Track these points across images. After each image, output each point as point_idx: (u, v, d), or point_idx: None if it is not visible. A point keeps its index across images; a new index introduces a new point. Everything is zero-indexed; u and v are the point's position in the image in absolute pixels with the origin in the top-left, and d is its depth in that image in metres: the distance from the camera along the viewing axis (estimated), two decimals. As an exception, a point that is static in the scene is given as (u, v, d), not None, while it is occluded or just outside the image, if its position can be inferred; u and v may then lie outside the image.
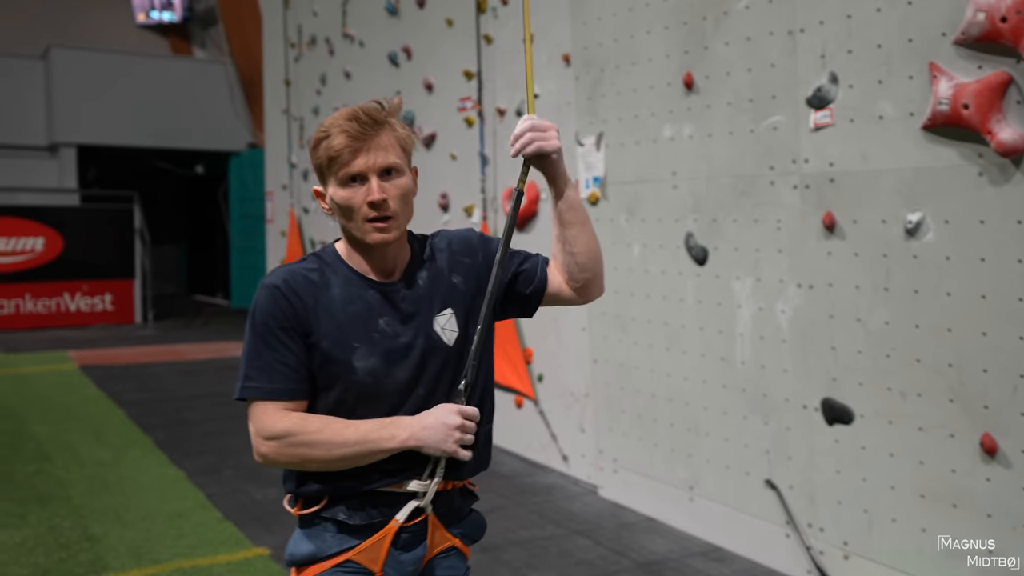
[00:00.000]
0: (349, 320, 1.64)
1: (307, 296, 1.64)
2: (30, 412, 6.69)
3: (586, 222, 1.77)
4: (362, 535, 1.66)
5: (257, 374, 1.62)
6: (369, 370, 1.63)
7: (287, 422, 1.60)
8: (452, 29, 6.07)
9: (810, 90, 3.42)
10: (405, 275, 1.71)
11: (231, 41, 13.92)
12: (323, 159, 1.63)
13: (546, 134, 1.69)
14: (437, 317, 1.70)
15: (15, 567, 3.72)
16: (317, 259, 1.72)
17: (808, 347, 3.51)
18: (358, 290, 1.67)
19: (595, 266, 1.79)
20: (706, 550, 3.94)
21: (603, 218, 4.60)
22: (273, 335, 1.62)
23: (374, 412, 1.64)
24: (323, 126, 1.65)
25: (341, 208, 1.65)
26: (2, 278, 11.79)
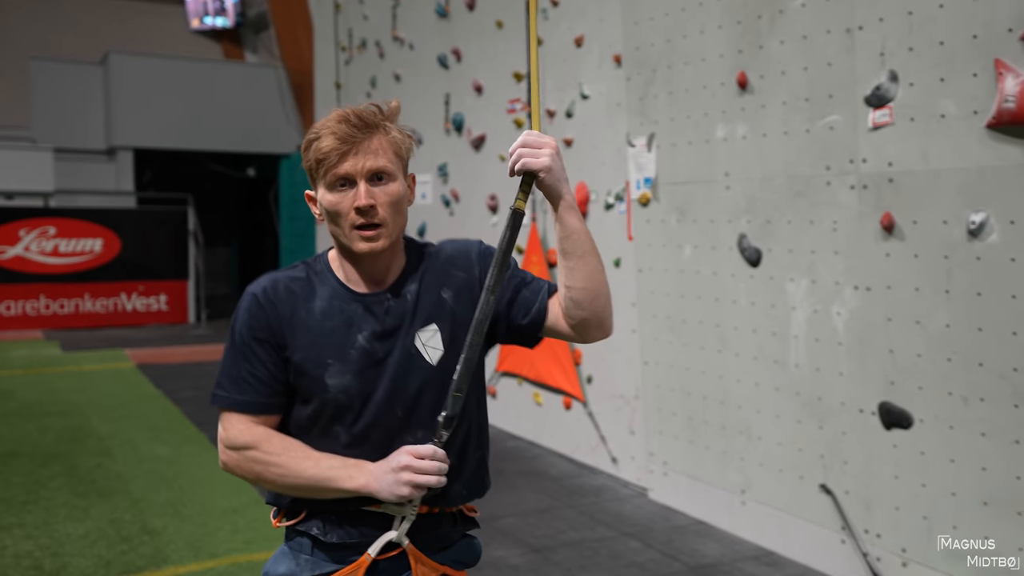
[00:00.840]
0: (325, 335, 1.57)
1: (284, 307, 1.58)
2: (91, 409, 6.87)
3: (586, 254, 1.59)
4: (337, 558, 1.58)
5: (228, 383, 1.58)
6: (342, 388, 1.55)
7: (248, 436, 1.56)
8: (502, 31, 6.09)
9: (869, 88, 3.37)
10: (394, 285, 1.62)
11: (282, 45, 14.13)
12: (312, 161, 1.56)
13: (537, 151, 1.55)
14: (419, 333, 1.60)
15: (79, 558, 3.82)
16: (306, 267, 1.65)
17: (865, 350, 3.45)
18: (340, 303, 1.59)
19: (593, 304, 1.60)
20: (758, 554, 3.90)
21: (654, 219, 4.57)
22: (247, 346, 1.58)
23: (349, 431, 1.56)
24: (314, 128, 1.58)
25: (329, 213, 1.57)
26: (63, 278, 12.13)
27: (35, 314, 12.00)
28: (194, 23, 16.76)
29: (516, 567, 3.79)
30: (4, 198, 12.42)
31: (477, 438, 1.67)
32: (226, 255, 18.85)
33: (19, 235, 11.89)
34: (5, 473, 5.09)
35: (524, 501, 4.67)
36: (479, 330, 1.56)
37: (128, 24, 16.53)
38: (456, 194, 6.82)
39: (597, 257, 1.61)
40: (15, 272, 11.85)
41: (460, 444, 1.63)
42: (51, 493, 4.73)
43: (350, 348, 1.56)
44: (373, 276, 1.61)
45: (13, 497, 4.66)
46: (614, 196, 5.03)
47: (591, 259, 1.60)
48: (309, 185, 1.63)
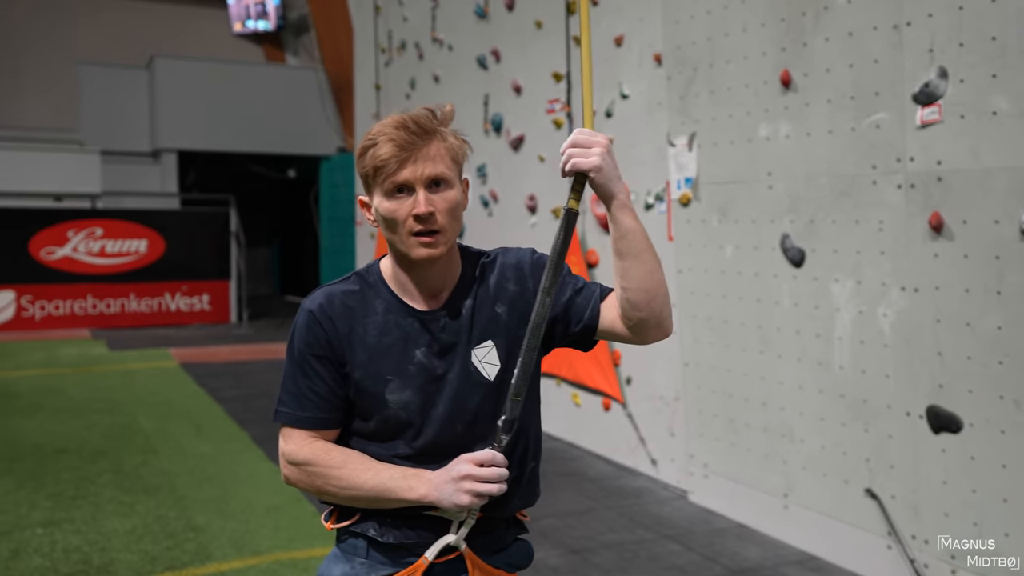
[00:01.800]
0: (384, 351, 1.57)
1: (342, 324, 1.57)
2: (137, 406, 7.00)
3: (642, 253, 1.54)
4: (393, 559, 1.59)
5: (289, 399, 1.59)
6: (403, 404, 1.56)
7: (308, 451, 1.57)
8: (541, 31, 6.08)
9: (917, 86, 3.30)
10: (449, 301, 1.61)
11: (323, 48, 14.28)
12: (369, 168, 1.54)
13: (588, 151, 1.51)
14: (475, 349, 1.59)
15: (126, 553, 3.90)
16: (360, 279, 1.63)
17: (913, 352, 3.39)
18: (396, 318, 1.59)
19: (651, 305, 1.56)
20: (802, 559, 3.84)
21: (695, 219, 4.53)
22: (307, 362, 1.57)
23: (410, 446, 1.57)
24: (370, 134, 1.55)
25: (386, 220, 1.55)
26: (109, 278, 12.38)
27: (83, 313, 12.26)
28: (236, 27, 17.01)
29: (556, 568, 3.78)
30: (53, 200, 12.71)
31: (534, 447, 1.66)
32: (267, 255, 19.10)
33: (67, 236, 12.16)
34: (55, 469, 5.21)
35: (563, 502, 4.66)
36: (535, 333, 1.53)
37: (173, 28, 16.83)
38: (495, 195, 6.83)
39: (654, 256, 1.56)
40: (64, 272, 12.12)
41: (520, 454, 1.62)
42: (99, 489, 4.82)
43: (408, 364, 1.57)
44: (429, 285, 1.59)
45: (63, 492, 4.76)
46: (654, 196, 4.99)
47: (647, 258, 1.55)
48: (349, 187, 1.63)
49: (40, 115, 15.84)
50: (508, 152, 6.60)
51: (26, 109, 15.97)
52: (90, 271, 12.27)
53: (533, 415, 1.66)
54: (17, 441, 5.85)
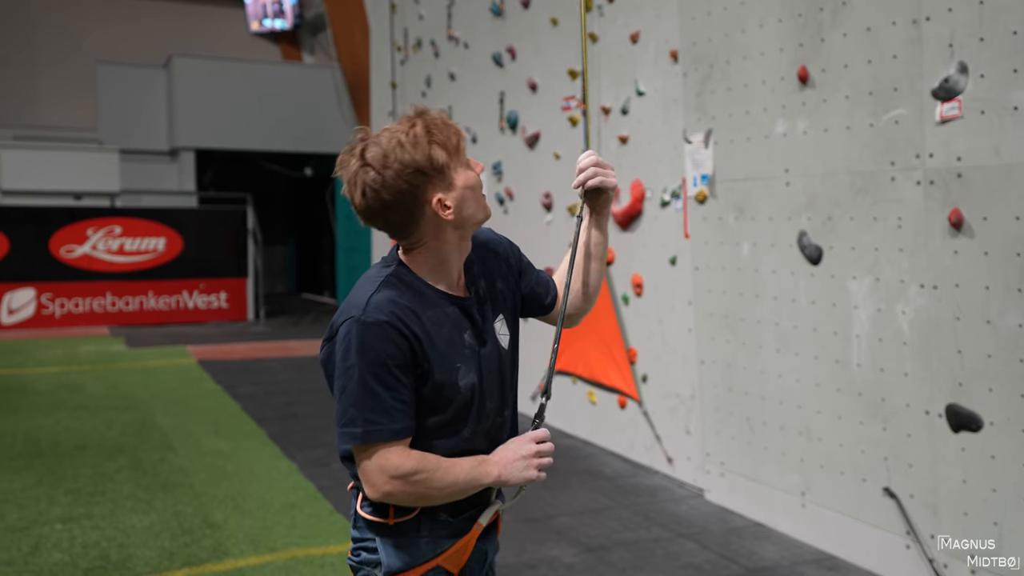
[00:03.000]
0: (447, 342, 1.65)
1: (416, 327, 1.61)
2: (155, 404, 7.05)
3: (603, 257, 1.91)
4: (452, 532, 1.70)
5: (379, 416, 1.58)
6: (470, 386, 1.67)
7: (412, 461, 1.60)
8: (557, 28, 6.07)
9: (936, 81, 3.27)
10: (467, 284, 1.75)
11: (339, 46, 14.31)
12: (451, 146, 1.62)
13: (608, 171, 1.81)
14: (496, 324, 1.75)
15: (144, 549, 3.92)
16: (398, 282, 1.65)
17: (932, 350, 3.36)
18: (442, 308, 1.67)
19: (593, 298, 1.92)
20: (819, 558, 3.82)
21: (711, 217, 4.51)
22: (391, 374, 1.58)
23: (472, 426, 1.69)
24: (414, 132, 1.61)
25: (474, 190, 1.66)
26: (128, 276, 12.47)
27: (102, 311, 12.36)
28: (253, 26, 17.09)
29: (571, 566, 3.78)
30: (73, 198, 12.81)
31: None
32: (283, 254, 19.18)
33: (87, 234, 12.25)
34: (74, 465, 5.25)
35: (578, 500, 4.65)
36: (557, 338, 1.82)
37: (190, 28, 16.93)
38: (510, 192, 6.82)
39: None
40: (83, 270, 12.22)
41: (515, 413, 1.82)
42: (117, 485, 4.86)
43: (464, 348, 1.67)
44: (458, 268, 1.72)
45: (81, 488, 4.80)
46: (670, 193, 4.97)
47: (604, 260, 1.92)
48: None
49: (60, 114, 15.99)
50: (524, 150, 6.59)
51: (46, 109, 16.11)
52: (109, 269, 12.36)
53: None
54: (37, 437, 5.90)
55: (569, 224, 5.95)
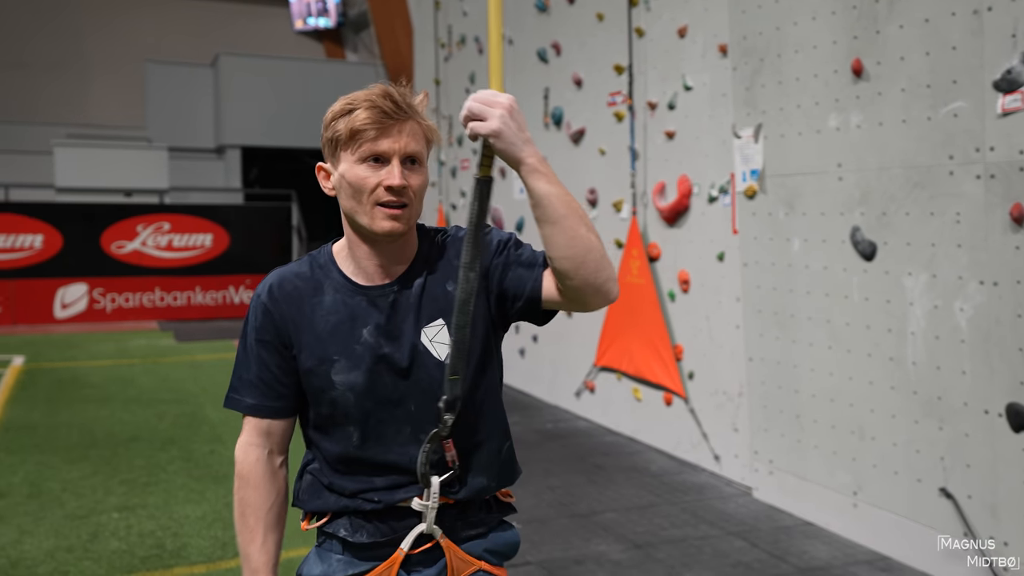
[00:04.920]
0: (330, 331, 1.53)
1: (290, 306, 1.55)
2: (203, 397, 7.18)
3: (561, 220, 1.43)
4: (370, 556, 1.55)
5: (240, 386, 1.58)
6: (349, 385, 1.51)
7: (245, 458, 1.57)
8: (602, 23, 6.04)
9: (998, 72, 3.19)
10: (401, 278, 1.56)
11: (382, 44, 14.41)
12: (343, 131, 1.47)
13: (486, 110, 1.42)
14: (426, 328, 1.53)
15: (197, 539, 4.00)
16: (311, 261, 1.60)
17: (991, 348, 3.28)
18: (343, 297, 1.54)
19: (580, 272, 1.45)
20: (872, 559, 3.76)
21: (760, 212, 4.46)
22: (255, 348, 1.56)
23: (360, 428, 1.53)
24: (348, 98, 1.50)
25: (352, 187, 1.48)
26: (176, 272, 12.70)
27: (151, 305, 12.61)
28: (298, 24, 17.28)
29: (618, 562, 3.77)
30: (123, 195, 13.08)
31: (491, 428, 1.60)
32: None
33: (136, 230, 12.51)
34: (128, 456, 5.37)
35: (624, 497, 4.64)
36: (463, 310, 1.48)
37: (236, 27, 17.18)
38: (555, 188, 6.80)
39: (577, 219, 1.44)
40: (133, 266, 12.48)
41: (470, 435, 1.56)
42: (170, 476, 4.96)
43: (355, 344, 1.52)
44: (383, 263, 1.55)
45: (136, 479, 4.90)
46: (718, 189, 4.92)
47: (569, 224, 1.44)
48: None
49: (110, 114, 16.34)
50: (568, 145, 6.58)
51: (97, 108, 16.48)
52: (158, 264, 12.61)
53: (491, 395, 1.60)
54: (92, 429, 6.04)
55: (616, 220, 5.93)
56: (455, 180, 9.10)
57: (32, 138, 14.32)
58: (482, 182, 1.48)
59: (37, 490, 4.68)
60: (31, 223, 11.94)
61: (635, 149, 5.67)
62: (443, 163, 9.47)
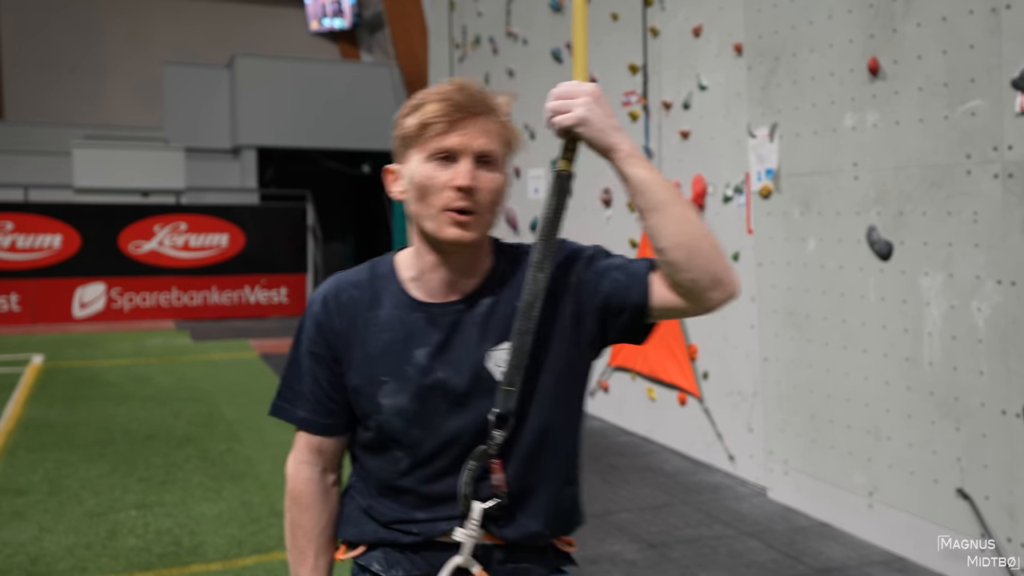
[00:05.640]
0: (382, 349, 1.40)
1: (343, 319, 1.43)
2: (220, 396, 7.22)
3: (664, 205, 1.31)
4: None
5: (290, 396, 1.48)
6: (397, 409, 1.38)
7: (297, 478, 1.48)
8: (617, 23, 6.04)
9: (1017, 71, 3.17)
10: (468, 296, 1.41)
11: (397, 45, 14.45)
12: (412, 128, 1.35)
13: (569, 103, 1.34)
14: (492, 351, 1.38)
15: (214, 536, 4.03)
16: (371, 269, 1.48)
17: (1009, 348, 3.26)
18: (400, 312, 1.41)
19: (695, 261, 1.30)
20: (888, 560, 3.74)
21: (776, 212, 4.45)
22: (307, 360, 1.46)
23: (411, 456, 1.40)
24: (420, 94, 1.39)
25: (418, 188, 1.35)
26: (193, 271, 12.79)
27: (167, 305, 12.70)
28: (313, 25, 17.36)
29: (633, 562, 3.77)
30: (140, 195, 13.18)
31: (554, 462, 1.43)
32: (341, 250, 19.45)
33: (154, 230, 12.60)
34: (145, 454, 5.41)
35: (639, 497, 4.63)
36: (527, 314, 1.34)
37: (252, 28, 17.29)
38: (569, 188, 6.80)
39: (681, 205, 1.32)
40: (150, 265, 12.57)
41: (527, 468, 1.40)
42: (186, 475, 5.00)
43: (406, 365, 1.39)
44: (450, 277, 1.40)
45: (153, 477, 4.94)
46: (733, 188, 4.91)
47: (674, 209, 1.31)
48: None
49: (128, 114, 16.47)
50: (582, 146, 6.56)
51: (115, 109, 16.62)
52: (175, 264, 12.69)
53: (563, 431, 1.43)
54: (109, 427, 6.09)
55: (631, 220, 5.93)
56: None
57: (51, 139, 14.46)
58: (562, 176, 1.37)
59: (56, 488, 4.73)
60: (50, 223, 12.05)
61: (650, 149, 5.66)
62: (457, 163, 9.48)
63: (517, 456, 1.38)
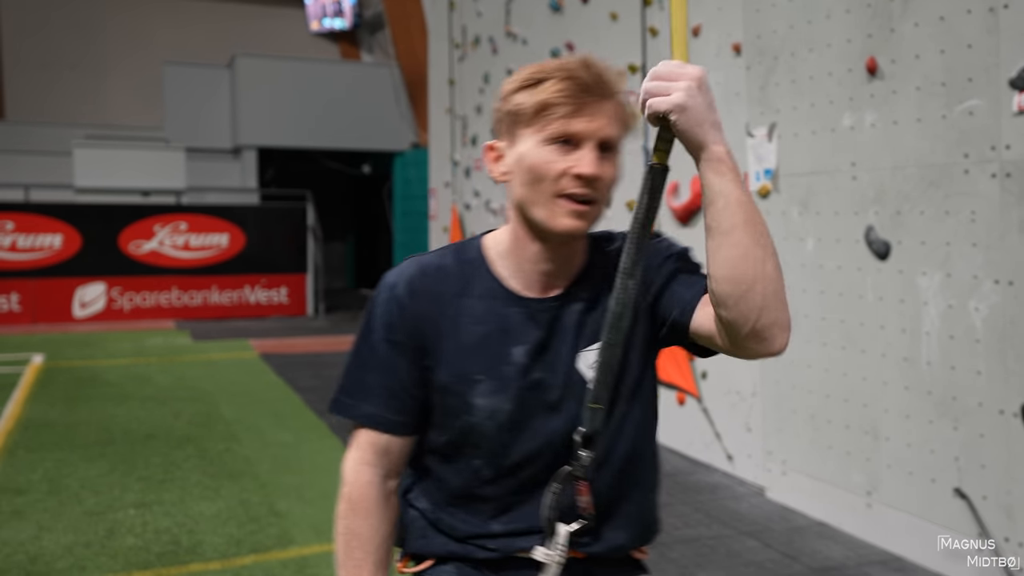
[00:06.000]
0: (476, 343, 1.28)
1: (431, 305, 1.29)
2: (219, 395, 7.23)
3: (734, 230, 1.16)
4: None
5: (356, 390, 1.33)
6: (491, 411, 1.27)
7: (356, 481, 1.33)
8: (617, 23, 6.05)
9: (1014, 71, 3.17)
10: (565, 292, 1.30)
11: (397, 45, 14.46)
12: (528, 105, 1.22)
13: (668, 85, 1.16)
14: (584, 352, 1.29)
15: (212, 536, 4.03)
16: (456, 255, 1.34)
17: (1007, 348, 3.26)
18: (495, 305, 1.29)
19: (743, 304, 1.16)
20: (886, 559, 3.74)
21: (774, 211, 4.45)
22: (383, 348, 1.30)
23: (494, 465, 1.29)
24: (535, 67, 1.24)
25: (531, 172, 1.22)
26: (193, 271, 12.80)
27: (168, 305, 12.71)
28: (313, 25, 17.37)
29: (631, 562, 3.76)
30: (141, 195, 13.20)
31: (640, 472, 1.35)
32: (342, 250, 19.47)
33: (154, 230, 12.61)
34: (144, 453, 5.42)
35: (638, 496, 4.63)
36: (616, 325, 1.23)
37: (253, 28, 17.30)
38: (568, 188, 6.81)
39: (755, 234, 1.16)
40: (150, 265, 12.58)
41: (613, 481, 1.31)
42: (185, 474, 5.00)
43: (503, 363, 1.27)
44: (550, 272, 1.29)
45: (152, 476, 4.95)
46: (732, 188, 4.91)
47: (742, 237, 1.16)
48: (422, 182, 1.38)
49: (128, 114, 16.49)
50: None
51: (116, 109, 16.64)
52: (175, 264, 12.70)
53: (644, 435, 1.35)
54: (109, 427, 6.10)
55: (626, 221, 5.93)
56: (468, 180, 9.12)
57: (52, 139, 14.47)
58: (656, 171, 1.22)
59: (56, 487, 4.74)
60: (51, 223, 12.06)
61: (648, 149, 5.66)
62: (457, 163, 9.50)
63: (605, 473, 1.29)
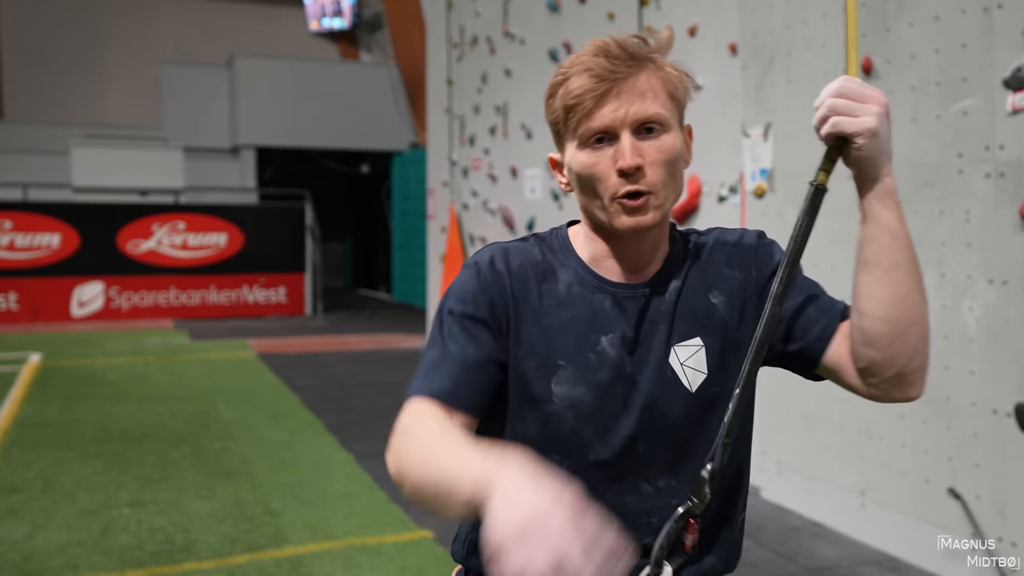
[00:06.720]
0: (560, 328, 1.18)
1: (517, 284, 1.19)
2: (216, 395, 7.23)
3: (898, 268, 1.10)
4: None
5: (429, 370, 1.17)
6: (571, 401, 1.17)
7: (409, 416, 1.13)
8: (614, 22, 6.04)
9: (1008, 70, 3.17)
10: (654, 279, 1.21)
11: (396, 44, 14.47)
12: (559, 111, 1.16)
13: (858, 107, 1.09)
14: (677, 347, 1.19)
15: (207, 534, 4.03)
16: (540, 243, 1.25)
17: (1000, 348, 3.26)
18: (583, 290, 1.20)
19: (894, 347, 1.11)
20: (880, 559, 3.74)
21: (770, 211, 4.45)
22: (459, 325, 1.18)
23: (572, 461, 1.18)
24: (562, 67, 1.18)
25: (579, 180, 1.17)
26: (191, 271, 12.80)
27: (166, 304, 12.71)
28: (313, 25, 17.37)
29: (625, 561, 3.76)
30: (139, 195, 13.20)
31: (742, 495, 1.28)
32: (340, 250, 19.47)
33: (152, 230, 12.61)
34: (140, 452, 5.42)
35: (633, 496, 4.63)
36: (760, 354, 1.14)
37: (252, 28, 17.30)
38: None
39: (915, 275, 1.11)
40: (148, 265, 12.58)
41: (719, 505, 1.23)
42: (181, 473, 5.00)
43: (589, 351, 1.18)
44: (632, 260, 1.21)
45: (147, 475, 4.95)
46: (727, 188, 4.91)
47: (904, 276, 1.10)
48: (421, 182, 1.27)
49: (127, 113, 16.49)
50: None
51: (114, 108, 16.64)
52: (173, 264, 12.70)
53: (747, 455, 1.28)
54: (106, 425, 6.10)
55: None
56: (467, 179, 9.12)
57: (50, 138, 14.47)
58: (819, 191, 1.14)
59: (50, 485, 4.74)
60: (48, 222, 12.06)
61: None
62: (455, 163, 9.50)
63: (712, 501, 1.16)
